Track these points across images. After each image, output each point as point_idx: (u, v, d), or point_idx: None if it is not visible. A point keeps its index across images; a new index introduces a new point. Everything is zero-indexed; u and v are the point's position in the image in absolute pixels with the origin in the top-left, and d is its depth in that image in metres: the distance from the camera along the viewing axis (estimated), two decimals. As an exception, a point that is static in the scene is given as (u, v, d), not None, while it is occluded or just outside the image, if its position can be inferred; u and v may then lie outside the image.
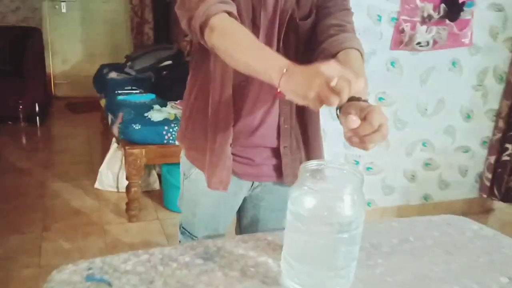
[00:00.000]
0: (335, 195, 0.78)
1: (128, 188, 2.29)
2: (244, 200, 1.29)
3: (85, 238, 2.11)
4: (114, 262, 0.87)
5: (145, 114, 2.37)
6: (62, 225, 2.21)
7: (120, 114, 2.37)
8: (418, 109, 2.52)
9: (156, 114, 2.36)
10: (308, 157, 1.21)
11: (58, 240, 2.08)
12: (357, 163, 2.49)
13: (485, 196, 2.90)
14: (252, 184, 1.24)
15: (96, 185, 2.64)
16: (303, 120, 1.17)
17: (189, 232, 1.27)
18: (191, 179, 1.24)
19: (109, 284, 0.81)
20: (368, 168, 2.54)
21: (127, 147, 2.23)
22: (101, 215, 2.34)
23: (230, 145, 1.14)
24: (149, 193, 2.60)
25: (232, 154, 1.16)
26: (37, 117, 3.70)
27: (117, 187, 2.59)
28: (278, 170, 1.20)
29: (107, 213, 2.37)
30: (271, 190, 1.26)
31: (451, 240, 1.05)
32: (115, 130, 2.39)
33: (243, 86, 1.08)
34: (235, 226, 1.40)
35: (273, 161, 1.20)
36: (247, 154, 1.18)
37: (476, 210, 2.92)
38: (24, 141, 3.47)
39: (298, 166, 1.24)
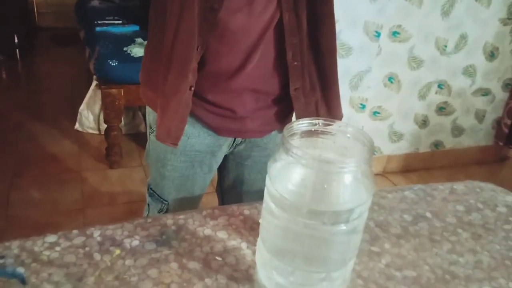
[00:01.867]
0: (331, 171, 0.54)
1: (107, 132, 2.06)
2: (226, 157, 1.06)
3: (60, 187, 1.93)
4: (36, 248, 0.66)
5: (124, 49, 2.07)
6: (35, 172, 2.01)
7: (97, 48, 2.09)
8: (437, 45, 2.21)
9: (137, 49, 2.07)
10: (327, 97, 0.96)
11: (29, 189, 1.89)
12: (363, 107, 2.23)
13: (501, 143, 2.67)
14: (234, 140, 1.00)
15: (76, 126, 2.42)
16: (318, 52, 0.90)
17: (158, 195, 1.06)
18: (157, 132, 1.00)
19: (23, 280, 0.60)
20: (375, 113, 2.28)
21: (103, 87, 1.97)
22: (79, 161, 2.14)
23: (191, 89, 0.87)
24: (133, 136, 2.37)
25: (206, 101, 0.91)
26: (17, 50, 3.40)
27: (99, 129, 2.37)
28: (274, 121, 0.96)
29: (87, 158, 2.17)
30: (258, 145, 1.02)
31: (480, 218, 0.82)
32: (91, 66, 2.12)
33: (215, 10, 0.81)
34: (216, 184, 1.18)
35: (266, 111, 0.95)
36: (227, 103, 0.92)
37: (491, 158, 2.70)
38: (0, 77, 3.20)
39: (313, 110, 0.98)
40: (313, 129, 0.60)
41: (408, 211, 0.82)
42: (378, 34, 2.06)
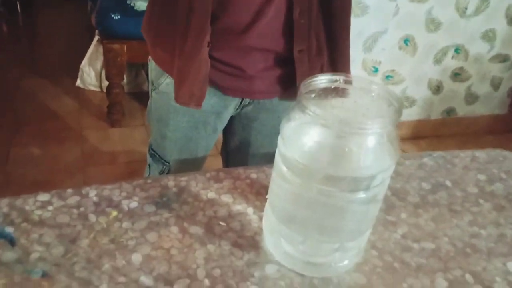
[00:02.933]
0: (353, 133, 0.47)
1: (108, 89, 1.99)
2: (232, 119, 1.00)
3: (60, 144, 1.88)
4: (27, 207, 0.61)
5: (128, 2, 1.97)
6: (35, 129, 1.96)
7: (98, 1, 1.98)
8: (457, 7, 2.09)
9: (141, 2, 1.96)
10: (334, 62, 0.88)
11: (28, 146, 1.85)
12: (376, 70, 2.14)
13: (515, 113, 2.59)
14: (242, 101, 0.94)
15: (78, 83, 2.35)
16: (329, 11, 0.82)
17: (159, 156, 1.01)
18: (160, 90, 0.94)
19: (11, 241, 0.56)
20: (387, 77, 2.20)
21: (105, 42, 1.88)
22: (80, 119, 2.09)
23: (208, 45, 0.81)
24: (136, 95, 2.30)
25: (213, 59, 0.84)
26: (17, 3, 3.28)
27: (100, 87, 2.30)
28: (281, 83, 0.89)
29: (87, 116, 2.11)
30: (267, 108, 0.95)
31: (503, 188, 0.77)
32: (93, 20, 2.02)
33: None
34: (221, 146, 1.12)
35: (275, 71, 0.87)
36: (236, 61, 0.85)
37: (503, 128, 2.62)
38: (0, 30, 3.09)
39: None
40: (332, 87, 0.54)
41: (427, 179, 0.77)
42: (395, -7, 1.94)
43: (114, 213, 0.62)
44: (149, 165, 1.05)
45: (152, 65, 0.96)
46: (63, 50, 2.74)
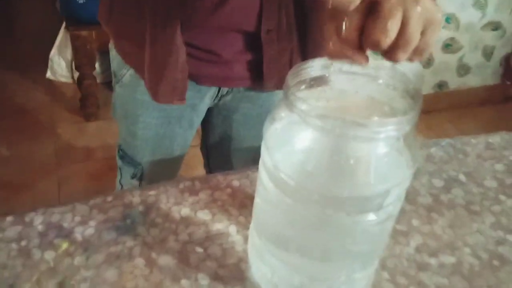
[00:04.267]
0: (359, 138, 0.36)
1: (80, 80, 1.84)
2: (210, 110, 0.88)
3: (31, 142, 1.74)
4: (-45, 244, 0.49)
5: (93, -17, 1.80)
6: (3, 126, 1.81)
7: (62, -17, 1.81)
8: (448, -27, 1.96)
9: (108, -17, 1.80)
10: (304, 47, 0.76)
11: (-4, 145, 1.71)
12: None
13: (508, 82, 2.50)
14: (219, 91, 0.81)
15: (48, 75, 2.18)
16: None
17: (130, 157, 0.88)
18: (124, 83, 0.81)
19: None
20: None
21: (71, 28, 1.72)
22: (52, 113, 1.93)
23: (182, 27, 0.68)
24: (110, 85, 2.15)
25: (184, 44, 0.71)
26: (-21, -10, 3.04)
27: (73, 77, 2.14)
28: (260, 69, 0.76)
29: (60, 110, 1.96)
30: (248, 97, 0.83)
31: (527, 180, 0.66)
32: (58, 5, 1.86)
33: None
34: (201, 142, 1.00)
35: (253, 55, 0.75)
36: (209, 44, 0.73)
37: (497, 98, 2.54)
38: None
39: (286, 62, 0.79)
40: (327, 74, 0.42)
41: (438, 173, 0.66)
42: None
43: (64, 245, 0.50)
44: (119, 168, 0.93)
45: (113, 53, 0.83)
46: (31, 40, 2.56)
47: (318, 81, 0.42)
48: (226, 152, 0.94)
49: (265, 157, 0.40)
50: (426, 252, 0.54)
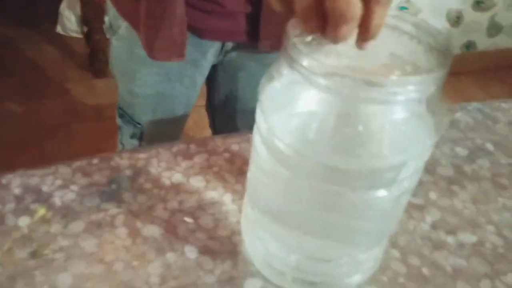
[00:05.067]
0: (372, 101, 0.29)
1: (88, 35, 1.78)
2: (214, 68, 0.81)
3: (41, 99, 1.70)
4: None
5: None
6: (13, 82, 1.78)
7: None
8: None
9: None
10: None
11: (6, 102, 1.67)
12: None
13: (543, 44, 2.33)
14: (223, 46, 0.74)
15: (58, 29, 2.12)
16: None
17: (129, 116, 0.83)
18: (120, 35, 0.75)
19: None
20: (401, 8, 1.94)
21: (77, -21, 1.65)
22: (61, 70, 1.89)
23: None
24: (122, 40, 2.08)
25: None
26: None
27: (83, 32, 2.07)
28: (257, 24, 0.69)
29: (69, 66, 1.91)
30: (256, 56, 0.76)
31: None
32: (64, -46, 1.77)
33: None
34: (206, 100, 0.94)
35: (259, 7, 0.68)
36: None
37: (528, 61, 2.38)
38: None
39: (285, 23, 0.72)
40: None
41: (462, 141, 0.59)
42: None
43: (42, 210, 0.46)
44: (119, 126, 0.88)
45: (108, 3, 0.76)
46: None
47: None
48: (232, 112, 0.88)
49: (260, 121, 0.34)
50: (444, 229, 0.48)
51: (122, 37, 0.75)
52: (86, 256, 0.42)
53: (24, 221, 0.44)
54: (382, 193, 0.32)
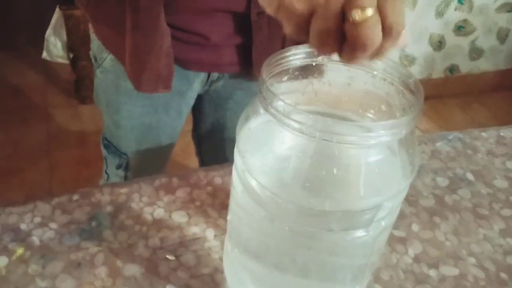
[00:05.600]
0: (347, 145, 0.30)
1: (74, 62, 1.78)
2: (201, 97, 0.81)
3: (23, 125, 1.69)
4: None
5: (87, -41, 1.72)
6: (-5, 108, 1.77)
7: (54, -41, 1.73)
8: (461, -49, 1.85)
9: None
10: None
11: (-13, 128, 1.66)
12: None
13: (522, 67, 2.40)
14: (209, 76, 0.75)
15: (44, 55, 2.12)
16: None
17: (114, 147, 0.83)
18: (105, 68, 0.75)
19: None
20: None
21: (63, 8, 1.66)
22: (46, 95, 1.88)
23: (165, 10, 0.62)
24: (108, 66, 2.09)
25: (170, 26, 0.65)
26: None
27: (69, 58, 2.08)
28: (247, 54, 0.70)
29: (54, 92, 1.90)
30: (242, 85, 0.77)
31: (542, 180, 0.60)
32: (50, -18, 1.78)
33: None
34: (192, 129, 0.94)
35: (244, 38, 0.69)
36: (196, 26, 0.67)
37: (509, 83, 2.44)
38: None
39: (278, 48, 0.73)
40: (314, 64, 0.36)
41: (443, 171, 0.60)
42: None
43: (20, 250, 0.45)
44: (104, 157, 0.87)
45: (93, 35, 0.76)
46: (27, 19, 2.50)
47: (302, 73, 0.35)
48: (219, 141, 0.88)
49: (237, 160, 0.35)
50: (426, 262, 0.48)
51: (107, 70, 0.75)
52: (64, 299, 0.41)
53: (2, 261, 0.43)
54: (360, 233, 0.32)
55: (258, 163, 0.32)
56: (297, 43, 0.71)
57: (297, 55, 0.35)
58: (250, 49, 0.69)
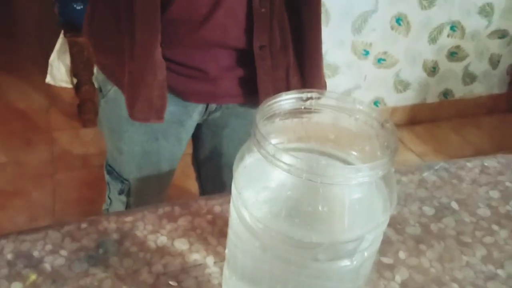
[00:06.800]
0: (331, 184, 0.33)
1: (77, 86, 1.84)
2: (199, 126, 0.86)
3: (27, 148, 1.73)
4: None
5: (92, -12, 1.79)
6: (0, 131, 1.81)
7: (61, -12, 1.80)
8: (452, -19, 1.93)
9: (108, -12, 1.79)
10: (301, 62, 0.74)
11: (-8, 151, 1.70)
12: (367, 53, 1.99)
13: (515, 91, 2.46)
14: (207, 107, 0.79)
15: (48, 79, 2.17)
16: (296, 2, 0.68)
17: (117, 173, 0.86)
18: (109, 98, 0.80)
19: None
20: (379, 60, 2.04)
21: (68, 35, 1.72)
22: (49, 119, 1.93)
23: (161, 45, 0.67)
24: (110, 89, 2.14)
25: (168, 60, 0.69)
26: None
27: (72, 83, 2.13)
28: (249, 85, 0.74)
29: (58, 115, 1.95)
30: (239, 114, 0.82)
31: (522, 209, 0.63)
32: (56, 11, 1.85)
33: None
34: (191, 155, 0.98)
35: (241, 71, 0.73)
36: (194, 60, 0.71)
37: (503, 107, 2.50)
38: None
39: (283, 77, 0.77)
40: (302, 107, 0.40)
41: (429, 200, 0.63)
42: (385, -32, 1.78)
43: (33, 277, 0.48)
44: (107, 183, 0.91)
45: (96, 68, 0.81)
46: (32, 43, 2.56)
47: (293, 115, 0.39)
48: (217, 166, 0.92)
49: (234, 194, 0.38)
50: (412, 287, 0.51)
51: (110, 100, 0.79)
52: (74, 322, 0.44)
53: (16, 287, 0.47)
54: (345, 262, 0.35)
55: (252, 198, 0.36)
56: (301, 69, 0.76)
57: (288, 100, 0.39)
58: (250, 80, 0.73)
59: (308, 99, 0.40)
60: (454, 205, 0.63)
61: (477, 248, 0.57)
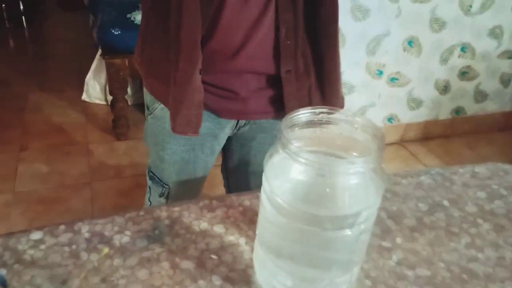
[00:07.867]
0: (335, 172, 0.47)
1: (113, 103, 2.01)
2: (229, 139, 1.00)
3: (66, 159, 1.90)
4: (20, 246, 0.62)
5: (128, 16, 1.98)
6: (41, 144, 1.99)
7: (99, 16, 2.00)
8: (461, 5, 2.05)
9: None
10: (321, 83, 0.87)
11: (35, 162, 1.87)
12: (381, 73, 2.12)
13: (526, 109, 2.54)
14: (238, 122, 0.93)
15: (83, 97, 2.37)
16: (315, 31, 0.82)
17: (158, 178, 1.01)
18: (156, 115, 0.94)
19: (3, 284, 0.56)
20: (392, 79, 2.17)
21: (106, 57, 1.90)
22: (86, 133, 2.11)
23: (200, 72, 0.81)
24: (140, 106, 2.31)
25: (205, 83, 0.84)
26: (23, 17, 3.32)
27: (106, 100, 2.32)
28: (275, 103, 0.88)
29: (93, 130, 2.13)
30: (264, 128, 0.95)
31: (503, 206, 0.75)
32: (94, 35, 2.04)
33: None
34: (221, 164, 1.12)
35: (267, 92, 0.87)
36: (228, 84, 0.85)
37: (514, 124, 2.57)
38: (7, 45, 3.13)
39: (306, 95, 0.91)
40: (316, 119, 0.53)
41: (424, 199, 0.75)
42: (397, -6, 1.92)
43: (106, 250, 0.62)
44: (149, 187, 1.05)
45: (145, 89, 0.96)
46: (68, 63, 2.78)
47: (308, 125, 0.53)
48: (244, 174, 1.05)
49: (265, 184, 0.52)
50: (406, 265, 0.63)
51: (156, 116, 0.94)
52: (141, 282, 0.57)
53: (94, 257, 0.60)
54: (346, 232, 0.48)
55: (279, 185, 0.49)
56: (321, 89, 0.89)
57: (305, 114, 0.53)
58: (275, 99, 0.87)
59: (320, 113, 0.53)
60: (446, 203, 0.75)
61: (463, 237, 0.68)
